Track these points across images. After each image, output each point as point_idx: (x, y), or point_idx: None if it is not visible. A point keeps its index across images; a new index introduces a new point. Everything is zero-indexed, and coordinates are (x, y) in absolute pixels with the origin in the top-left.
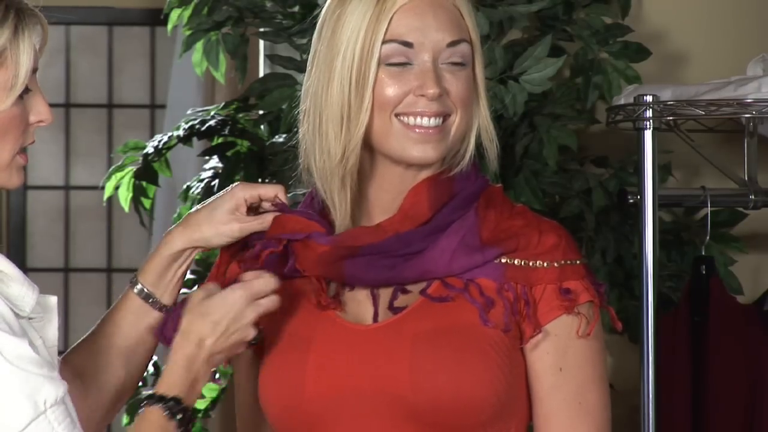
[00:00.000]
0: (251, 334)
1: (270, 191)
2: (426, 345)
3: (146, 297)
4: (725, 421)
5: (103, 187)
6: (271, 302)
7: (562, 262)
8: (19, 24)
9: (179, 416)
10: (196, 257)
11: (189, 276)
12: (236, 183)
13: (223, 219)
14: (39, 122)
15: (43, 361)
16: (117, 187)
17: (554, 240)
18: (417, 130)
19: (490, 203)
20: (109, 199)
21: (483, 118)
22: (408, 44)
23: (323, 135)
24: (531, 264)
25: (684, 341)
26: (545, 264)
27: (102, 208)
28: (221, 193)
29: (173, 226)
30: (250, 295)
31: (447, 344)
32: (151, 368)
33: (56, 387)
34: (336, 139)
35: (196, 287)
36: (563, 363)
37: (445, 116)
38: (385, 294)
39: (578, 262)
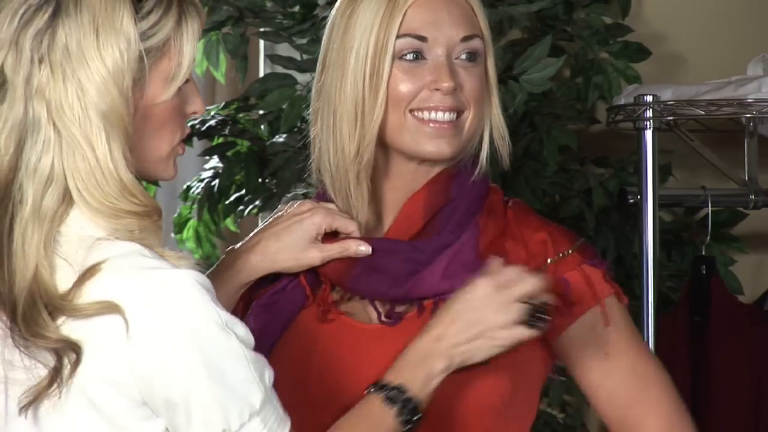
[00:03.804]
0: (505, 339)
1: (349, 227)
2: None
3: None
4: (727, 421)
5: None
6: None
7: (555, 257)
8: (182, 13)
9: (400, 405)
10: (196, 256)
11: None
12: (310, 207)
13: (304, 248)
14: (193, 113)
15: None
16: None
17: (538, 245)
18: (431, 125)
19: (491, 214)
20: None
21: (494, 115)
22: (422, 38)
23: (337, 132)
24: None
25: (684, 341)
26: (541, 267)
27: None
28: (293, 217)
29: (239, 245)
30: (502, 296)
31: None
32: None
33: (270, 369)
34: (350, 136)
35: None
36: (608, 348)
37: (459, 112)
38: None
39: (570, 251)
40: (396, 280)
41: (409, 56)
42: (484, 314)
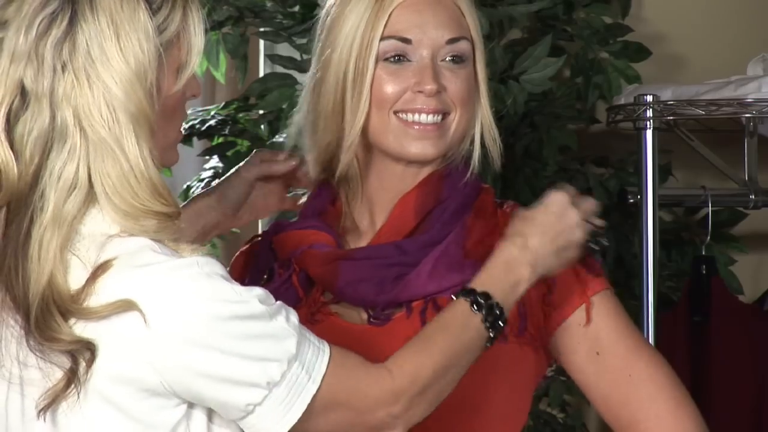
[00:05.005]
0: (575, 255)
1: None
2: None
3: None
4: (728, 421)
5: None
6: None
7: None
8: (187, 5)
9: (486, 310)
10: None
11: None
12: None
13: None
14: (192, 96)
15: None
16: None
17: None
18: (416, 127)
19: (480, 213)
20: None
21: (485, 117)
22: (406, 40)
23: (320, 132)
24: None
25: (684, 341)
26: None
27: None
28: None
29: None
30: (576, 212)
31: None
32: None
33: (293, 311)
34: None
35: None
36: (598, 347)
37: (445, 114)
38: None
39: None
40: (383, 286)
41: (393, 58)
42: (566, 228)
